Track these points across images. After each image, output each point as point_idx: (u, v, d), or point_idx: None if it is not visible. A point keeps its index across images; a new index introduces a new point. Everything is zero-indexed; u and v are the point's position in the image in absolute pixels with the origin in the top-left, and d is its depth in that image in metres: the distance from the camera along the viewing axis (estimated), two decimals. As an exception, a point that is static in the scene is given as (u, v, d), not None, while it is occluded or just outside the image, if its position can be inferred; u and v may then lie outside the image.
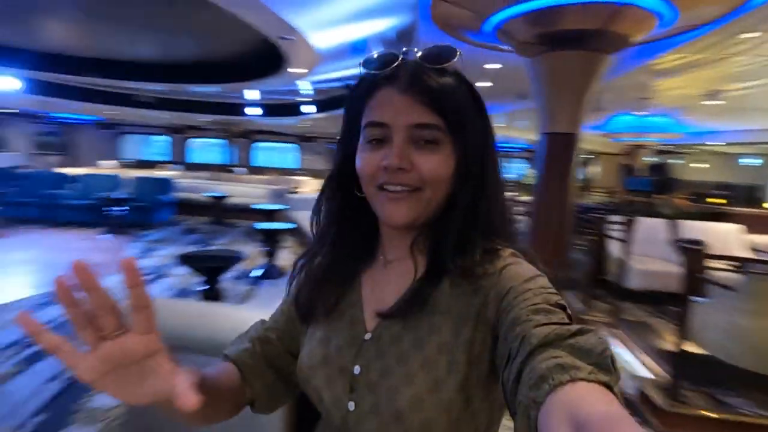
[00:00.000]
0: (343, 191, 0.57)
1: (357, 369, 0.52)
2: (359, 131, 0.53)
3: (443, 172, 0.50)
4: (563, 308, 0.44)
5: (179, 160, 15.08)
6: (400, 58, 0.51)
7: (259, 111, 11.48)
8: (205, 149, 16.31)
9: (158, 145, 16.50)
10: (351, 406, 0.51)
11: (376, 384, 0.50)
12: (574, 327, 0.39)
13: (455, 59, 0.50)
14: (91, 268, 0.35)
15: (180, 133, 15.62)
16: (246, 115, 11.73)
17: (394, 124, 0.49)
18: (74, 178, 7.63)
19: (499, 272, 0.49)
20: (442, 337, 0.49)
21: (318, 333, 0.56)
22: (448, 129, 0.49)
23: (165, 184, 7.76)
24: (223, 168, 13.40)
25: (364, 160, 0.52)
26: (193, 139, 16.12)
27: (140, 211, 6.88)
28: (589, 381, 0.33)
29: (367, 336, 0.54)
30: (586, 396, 0.32)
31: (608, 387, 0.33)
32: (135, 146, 16.08)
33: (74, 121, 12.19)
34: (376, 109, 0.50)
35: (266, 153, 16.64)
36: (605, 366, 0.35)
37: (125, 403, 0.48)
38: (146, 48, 7.33)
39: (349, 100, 0.55)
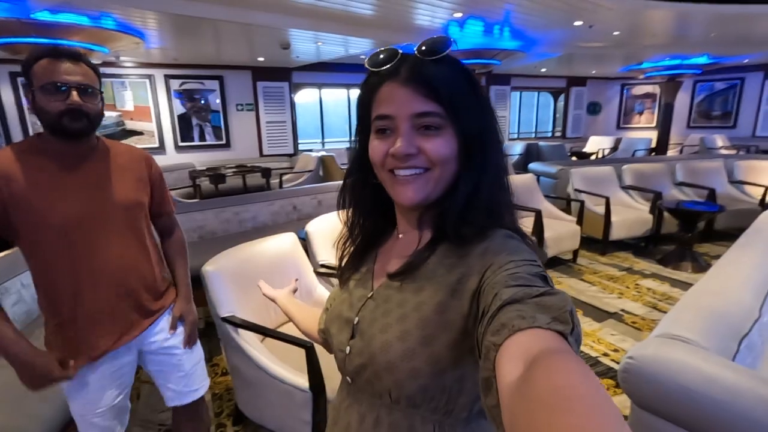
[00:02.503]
0: (361, 180, 0.65)
1: (356, 320, 0.62)
2: (370, 125, 0.58)
3: (447, 153, 0.55)
4: (544, 279, 0.47)
5: None
6: (399, 54, 0.56)
7: None
8: None
9: None
10: (348, 349, 0.62)
11: (363, 331, 0.60)
12: (543, 289, 0.43)
13: (448, 49, 0.55)
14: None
15: None
16: None
17: (398, 115, 0.54)
18: None
19: (486, 248, 0.53)
20: (421, 298, 0.56)
21: (342, 295, 0.69)
22: (447, 114, 0.54)
23: None
24: None
25: (374, 149, 0.58)
26: None
27: None
28: (544, 329, 0.37)
29: (370, 294, 0.63)
30: (540, 338, 0.36)
31: (563, 336, 0.37)
32: None
33: None
34: (382, 103, 0.56)
35: None
36: (563, 319, 0.39)
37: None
38: None
39: (359, 97, 0.60)
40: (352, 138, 0.64)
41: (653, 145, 8.71)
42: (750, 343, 1.41)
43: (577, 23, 4.57)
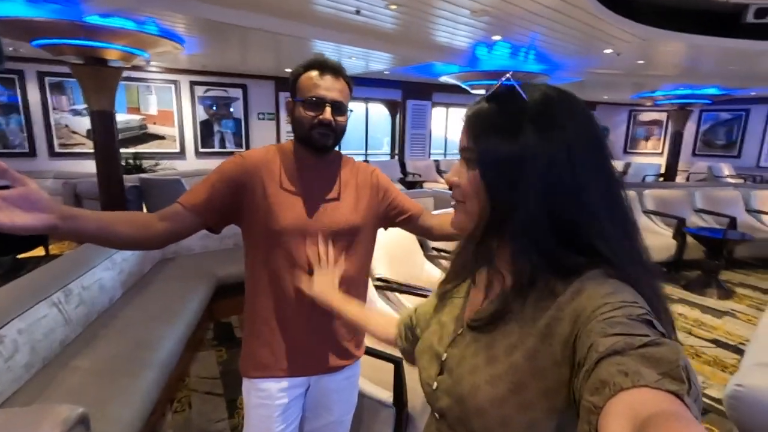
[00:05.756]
0: None
1: (445, 356, 0.61)
2: None
3: (469, 188, 0.55)
4: (648, 323, 0.40)
5: None
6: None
7: None
8: None
9: None
10: (434, 385, 0.60)
11: (452, 370, 0.58)
12: (648, 338, 0.37)
13: (495, 87, 0.54)
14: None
15: None
16: None
17: (459, 148, 0.58)
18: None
19: (578, 289, 0.48)
20: (511, 340, 0.53)
21: (434, 324, 0.68)
22: (476, 150, 0.54)
23: None
24: None
25: None
26: None
27: None
28: (653, 388, 0.32)
29: (460, 331, 0.61)
30: (650, 400, 0.31)
31: (678, 397, 0.32)
32: None
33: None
34: None
35: None
36: (676, 376, 0.33)
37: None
38: None
39: None
40: None
41: (662, 171, 8.88)
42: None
43: (607, 51, 4.70)
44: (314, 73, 1.02)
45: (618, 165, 9.86)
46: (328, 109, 1.02)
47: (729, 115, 9.67)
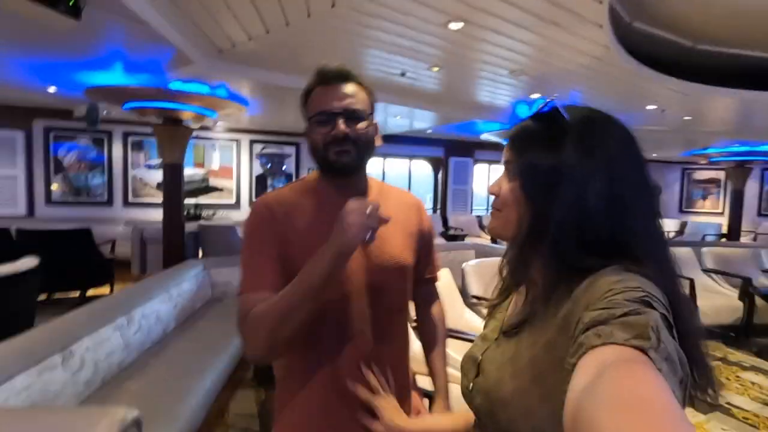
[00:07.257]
0: None
1: (480, 358, 0.65)
2: None
3: (509, 197, 0.60)
4: (647, 303, 0.41)
5: None
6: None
7: None
8: None
9: None
10: (470, 386, 0.65)
11: (484, 369, 0.63)
12: (628, 309, 0.40)
13: (541, 108, 0.58)
14: None
15: None
16: None
17: (503, 160, 0.64)
18: None
19: (592, 282, 0.50)
20: (533, 336, 0.56)
21: (478, 340, 0.72)
22: (518, 161, 0.60)
23: None
24: None
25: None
26: None
27: None
28: (621, 344, 0.36)
29: (496, 336, 0.66)
30: (617, 352, 0.35)
31: (643, 351, 0.35)
32: None
33: None
34: None
35: None
36: (645, 336, 0.36)
37: None
38: None
39: None
40: None
41: (724, 230, 8.32)
42: None
43: (650, 107, 4.72)
44: (319, 87, 0.88)
45: (673, 224, 9.37)
46: (339, 121, 0.84)
47: (797, 173, 9.07)
